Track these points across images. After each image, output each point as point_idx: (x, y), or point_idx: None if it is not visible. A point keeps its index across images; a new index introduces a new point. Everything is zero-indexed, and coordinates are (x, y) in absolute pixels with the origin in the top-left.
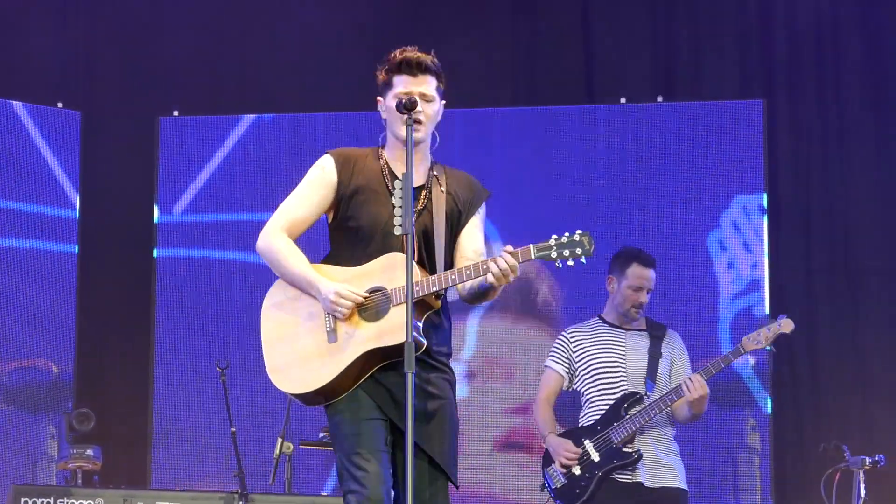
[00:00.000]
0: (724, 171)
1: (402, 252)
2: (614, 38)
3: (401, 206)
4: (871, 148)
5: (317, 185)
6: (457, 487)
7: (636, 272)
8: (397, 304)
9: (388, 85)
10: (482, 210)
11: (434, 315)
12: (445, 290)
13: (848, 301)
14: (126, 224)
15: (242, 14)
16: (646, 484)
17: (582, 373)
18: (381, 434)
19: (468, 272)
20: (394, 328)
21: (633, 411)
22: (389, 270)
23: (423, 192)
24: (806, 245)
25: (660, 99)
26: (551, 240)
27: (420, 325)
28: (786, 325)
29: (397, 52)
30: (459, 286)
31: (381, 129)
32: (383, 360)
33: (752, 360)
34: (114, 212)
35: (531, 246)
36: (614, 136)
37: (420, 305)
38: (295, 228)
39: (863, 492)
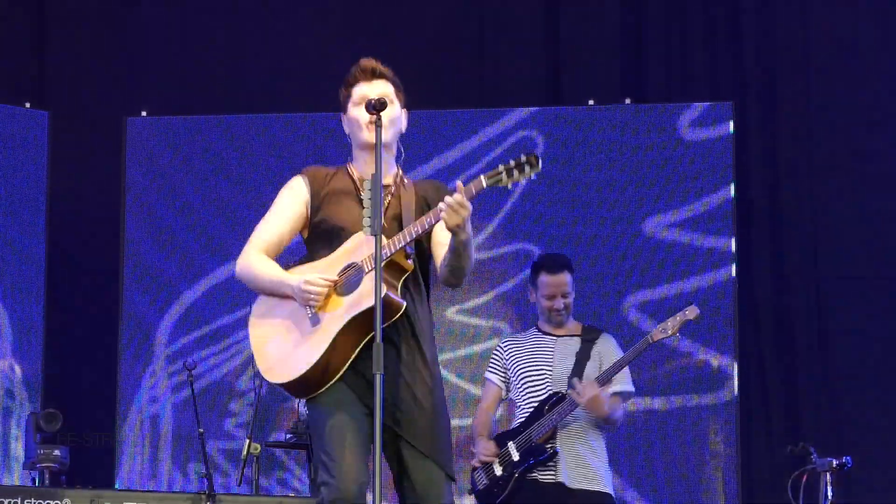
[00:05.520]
0: (694, 173)
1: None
2: (582, 39)
3: (369, 207)
4: (841, 150)
5: (289, 203)
6: (454, 481)
7: (545, 281)
8: (368, 272)
9: (348, 97)
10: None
11: (413, 283)
12: (411, 243)
13: (817, 302)
14: (93, 224)
15: (212, 15)
16: (567, 484)
17: (513, 381)
18: (358, 427)
19: (427, 220)
20: (366, 293)
21: (554, 410)
22: (358, 247)
23: (391, 189)
24: (776, 246)
25: (628, 101)
26: (500, 167)
27: (397, 285)
28: (690, 311)
29: (354, 66)
30: (440, 269)
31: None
32: (368, 331)
33: (715, 363)
34: (81, 212)
35: (482, 176)
36: (582, 138)
37: (393, 268)
38: (271, 248)
39: (830, 493)
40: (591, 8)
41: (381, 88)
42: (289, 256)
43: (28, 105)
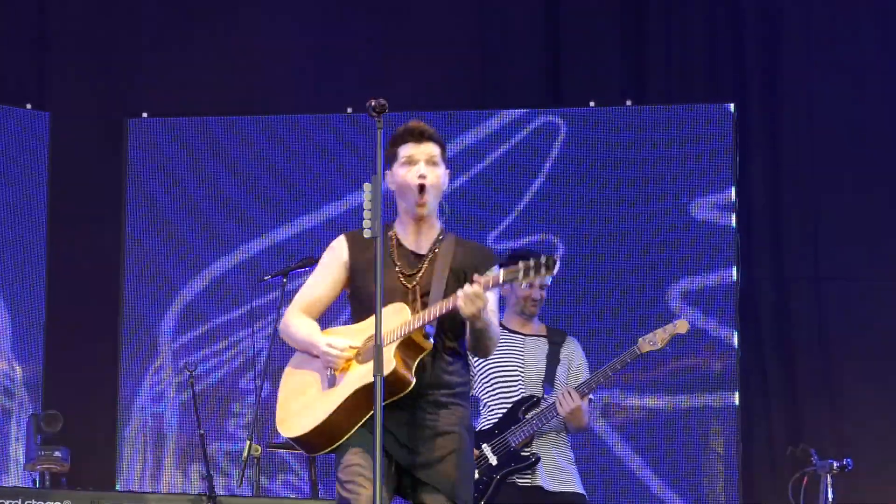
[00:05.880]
0: (694, 174)
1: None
2: (583, 41)
3: (370, 210)
4: (842, 152)
5: (330, 266)
6: None
7: None
8: (386, 345)
9: (393, 156)
10: (492, 271)
11: (429, 357)
12: (432, 323)
13: (818, 304)
14: (95, 225)
15: (213, 17)
16: (546, 488)
17: (480, 378)
18: (381, 465)
19: (447, 305)
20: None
21: (529, 415)
22: (386, 318)
23: (426, 260)
24: (776, 249)
25: (629, 102)
26: (519, 264)
27: (412, 364)
28: (681, 325)
29: (401, 126)
30: (467, 338)
31: (355, 132)
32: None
33: (716, 365)
34: (82, 213)
35: (501, 271)
36: (583, 140)
37: (411, 346)
38: (313, 309)
39: (830, 496)
40: (592, 9)
41: (428, 150)
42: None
43: (29, 106)
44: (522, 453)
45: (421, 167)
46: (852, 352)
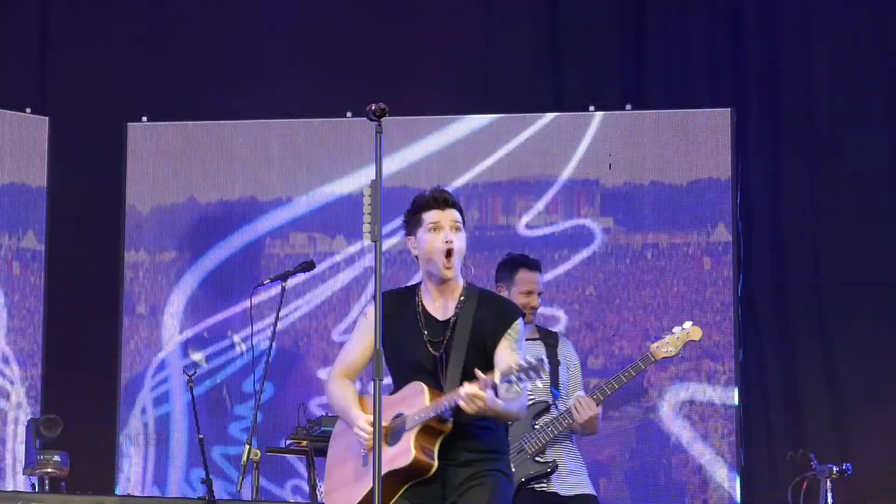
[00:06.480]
0: (693, 179)
1: (426, 381)
2: (583, 45)
3: (370, 214)
4: (842, 157)
5: (365, 332)
6: None
7: (524, 277)
8: (409, 429)
9: (418, 222)
10: (514, 331)
11: (450, 434)
12: (446, 412)
13: (818, 309)
14: (94, 229)
15: (213, 21)
16: (561, 493)
17: None
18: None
19: (452, 398)
20: (402, 452)
21: (542, 421)
22: (410, 398)
23: (449, 327)
24: (777, 257)
25: (629, 107)
26: (514, 367)
27: (434, 450)
28: (695, 332)
29: (424, 194)
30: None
31: (355, 136)
32: (404, 482)
33: (716, 368)
34: (82, 218)
35: (498, 372)
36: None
37: (428, 431)
38: (351, 372)
39: (830, 500)
40: (592, 14)
41: (452, 216)
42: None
43: (29, 111)
44: (538, 460)
45: (447, 233)
46: (853, 356)
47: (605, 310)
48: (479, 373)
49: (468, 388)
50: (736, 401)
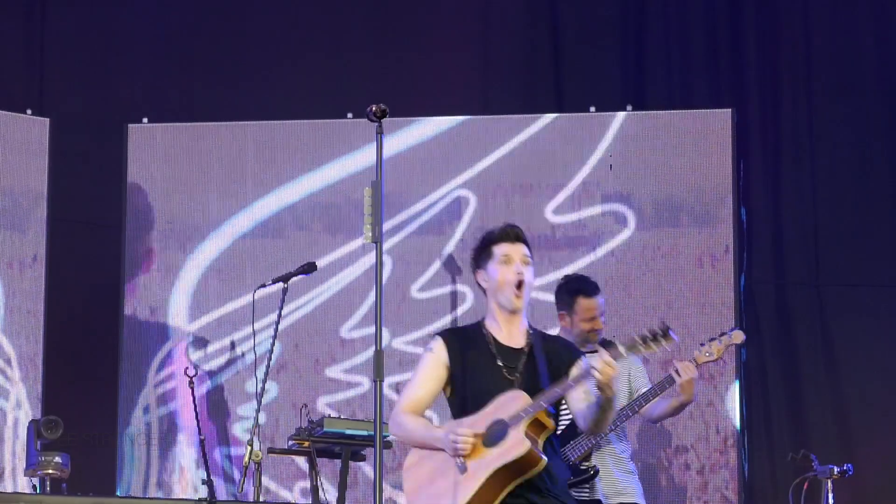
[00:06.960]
0: (694, 179)
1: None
2: (583, 46)
3: (371, 215)
4: (842, 157)
5: (430, 367)
6: None
7: (584, 305)
8: (514, 426)
9: (488, 255)
10: (577, 369)
11: (555, 437)
12: (552, 404)
13: (819, 310)
14: (94, 231)
15: (214, 22)
16: (603, 501)
17: None
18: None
19: (574, 378)
20: (514, 444)
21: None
22: (506, 404)
23: (523, 353)
24: (778, 254)
25: (629, 108)
26: (636, 337)
27: (539, 442)
28: (736, 336)
29: (494, 229)
30: (580, 422)
31: (358, 136)
32: (513, 477)
33: (717, 370)
34: (82, 218)
35: (622, 346)
36: (583, 145)
37: (536, 425)
38: (417, 407)
39: (831, 501)
40: (592, 15)
41: (523, 250)
42: None
43: (29, 112)
44: (581, 466)
45: (518, 265)
46: (854, 357)
47: (606, 310)
48: (601, 349)
49: (604, 355)
50: (737, 401)
